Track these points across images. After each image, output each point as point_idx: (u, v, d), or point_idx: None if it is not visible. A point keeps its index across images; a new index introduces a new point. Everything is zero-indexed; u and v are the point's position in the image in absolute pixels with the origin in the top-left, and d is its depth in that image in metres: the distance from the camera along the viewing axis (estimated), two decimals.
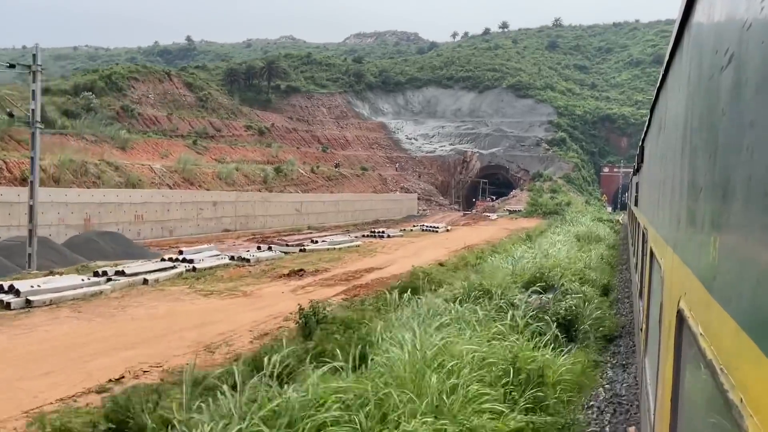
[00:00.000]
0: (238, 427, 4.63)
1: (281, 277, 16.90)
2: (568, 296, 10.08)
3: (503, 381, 6.19)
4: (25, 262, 17.06)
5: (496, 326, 7.74)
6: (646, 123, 8.17)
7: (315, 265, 19.87)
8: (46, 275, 15.11)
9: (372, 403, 5.04)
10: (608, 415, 7.18)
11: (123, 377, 7.87)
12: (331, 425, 4.73)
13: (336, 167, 66.68)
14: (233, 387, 5.40)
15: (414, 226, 42.71)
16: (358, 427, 4.73)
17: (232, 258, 20.21)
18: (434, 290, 13.89)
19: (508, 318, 8.30)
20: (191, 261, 17.88)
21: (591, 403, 7.52)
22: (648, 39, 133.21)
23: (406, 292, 12.57)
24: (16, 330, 10.47)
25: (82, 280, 14.34)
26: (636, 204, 12.47)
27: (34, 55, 17.56)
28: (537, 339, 7.77)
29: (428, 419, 4.87)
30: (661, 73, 4.45)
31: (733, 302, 1.35)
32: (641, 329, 6.46)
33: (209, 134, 59.19)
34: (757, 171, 1.17)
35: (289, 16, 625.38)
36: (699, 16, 2.32)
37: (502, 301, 9.32)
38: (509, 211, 58.86)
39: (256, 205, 37.99)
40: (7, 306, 11.99)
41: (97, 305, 12.73)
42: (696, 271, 1.99)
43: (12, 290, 12.59)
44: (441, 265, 20.64)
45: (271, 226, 39.36)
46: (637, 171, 13.02)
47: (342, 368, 5.78)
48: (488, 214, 57.19)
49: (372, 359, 6.25)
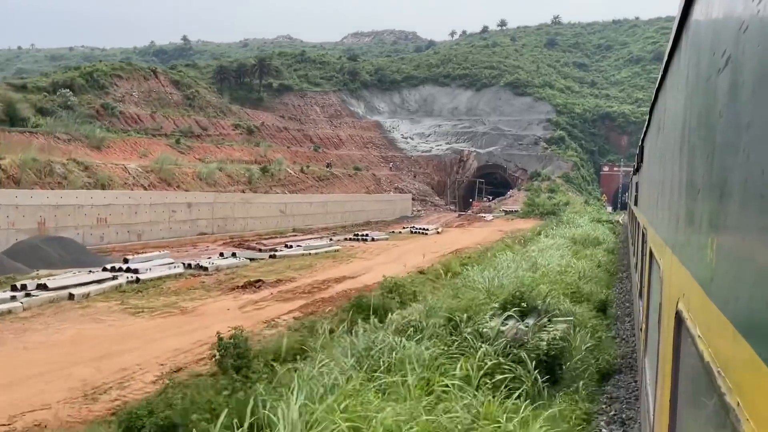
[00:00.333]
0: None
1: (235, 289, 14.84)
2: (555, 321, 8.07)
3: None
4: None
5: (451, 374, 5.69)
6: (646, 123, 8.06)
7: (280, 274, 17.83)
8: None
9: None
10: None
11: None
12: None
13: (328, 167, 64.64)
14: None
15: (404, 227, 40.71)
16: None
17: (188, 266, 18.15)
18: (402, 306, 11.90)
19: (476, 356, 6.27)
20: (136, 271, 15.83)
21: None
22: (648, 36, 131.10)
23: (365, 310, 10.57)
24: None
25: None
26: (636, 204, 12.60)
27: None
28: (507, 388, 5.74)
29: None
30: (660, 73, 4.39)
31: (730, 305, 1.36)
32: (641, 329, 6.36)
33: (195, 133, 57.15)
34: (753, 173, 1.17)
35: (286, 16, 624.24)
36: (697, 17, 2.31)
37: (469, 329, 7.31)
38: (505, 211, 56.77)
39: (235, 207, 35.96)
40: None
41: None
42: (694, 272, 1.98)
43: None
44: (421, 273, 18.66)
45: (253, 229, 37.34)
46: (637, 170, 13.14)
47: None
48: (483, 215, 55.11)
49: None
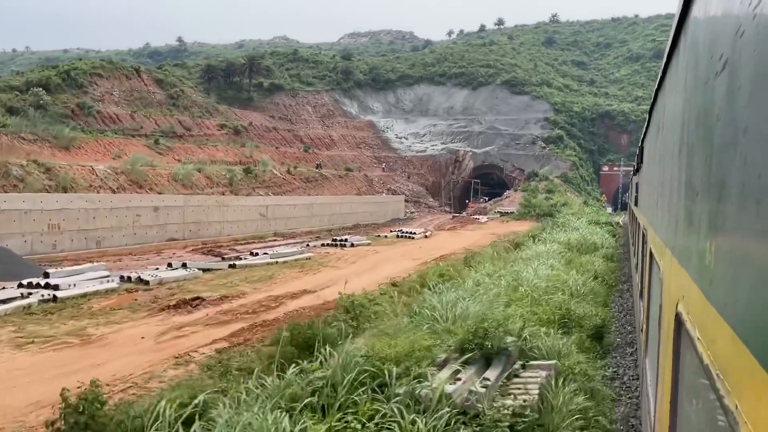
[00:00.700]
0: None
1: (166, 309, 12.62)
2: (531, 366, 5.86)
3: None
4: None
5: None
6: (646, 123, 7.98)
7: (231, 289, 15.59)
8: None
9: None
10: None
11: None
12: None
13: (317, 168, 62.43)
14: None
15: (391, 231, 38.47)
16: None
17: (128, 279, 15.93)
18: (357, 331, 9.70)
19: None
20: (56, 287, 13.63)
21: None
22: (648, 34, 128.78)
23: (305, 341, 8.40)
24: None
25: None
26: (636, 204, 12.59)
27: None
28: None
29: None
30: (659, 74, 4.41)
31: (728, 308, 1.35)
32: (642, 330, 6.29)
33: (177, 133, 54.95)
34: (751, 176, 1.17)
35: (284, 18, 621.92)
36: (694, 20, 2.31)
37: (402, 388, 5.11)
38: (500, 213, 54.49)
39: (210, 210, 33.73)
40: None
41: None
42: (693, 274, 1.97)
43: None
44: (394, 285, 16.42)
45: (230, 234, 35.11)
46: (637, 171, 13.05)
47: None
48: (477, 217, 52.83)
49: None
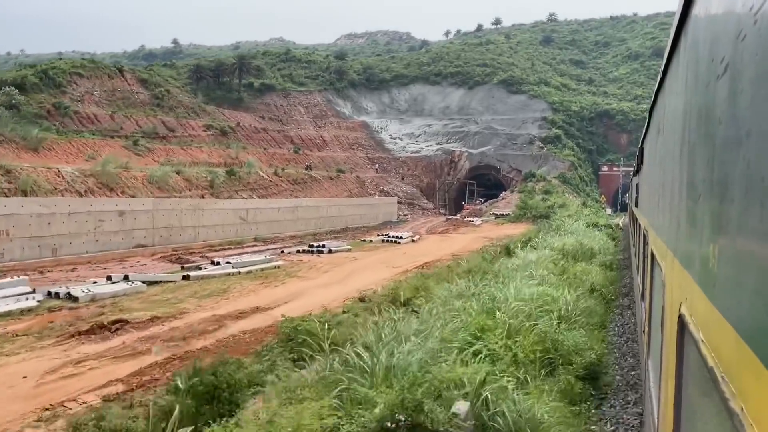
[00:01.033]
0: None
1: (77, 335, 10.58)
2: None
3: None
4: None
5: None
6: (646, 124, 7.92)
7: (172, 307, 13.53)
8: None
9: None
10: None
11: None
12: None
13: (307, 169, 60.38)
14: None
15: (378, 235, 36.43)
16: None
17: (55, 295, 13.90)
18: (296, 365, 7.70)
19: None
20: None
21: None
22: (647, 32, 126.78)
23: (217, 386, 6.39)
24: None
25: None
26: (636, 205, 12.47)
27: None
28: None
29: None
30: (659, 75, 4.41)
31: (733, 311, 1.34)
32: (644, 331, 6.23)
33: (160, 134, 52.89)
34: (754, 179, 1.17)
35: (280, 19, 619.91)
36: (694, 22, 2.28)
37: None
38: (495, 215, 52.40)
39: (183, 214, 31.66)
40: None
41: None
42: (696, 277, 1.95)
43: None
44: (361, 300, 14.38)
45: (206, 239, 33.06)
46: (637, 172, 12.88)
47: None
48: (471, 220, 50.76)
49: None
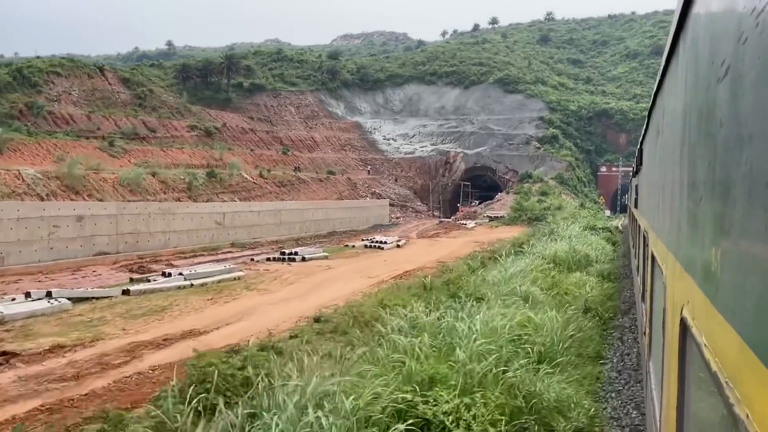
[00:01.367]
0: None
1: None
2: None
3: None
4: None
5: None
6: (644, 126, 7.90)
7: (90, 330, 11.46)
8: None
9: None
10: None
11: None
12: None
13: (296, 171, 58.35)
14: None
15: (363, 239, 34.35)
16: None
17: None
18: None
19: None
20: None
21: None
22: (645, 30, 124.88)
23: None
24: None
25: None
26: (636, 206, 12.52)
27: None
28: None
29: None
30: (658, 77, 4.38)
31: (736, 315, 1.32)
32: (644, 333, 6.19)
33: (140, 135, 50.84)
34: (757, 183, 1.16)
35: (276, 21, 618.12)
36: (693, 24, 2.26)
37: None
38: (490, 217, 50.31)
39: (152, 219, 29.56)
40: None
41: None
42: (698, 280, 1.93)
43: None
44: (317, 321, 12.29)
45: (177, 245, 30.96)
46: (636, 173, 12.84)
47: None
48: (464, 222, 48.66)
49: None
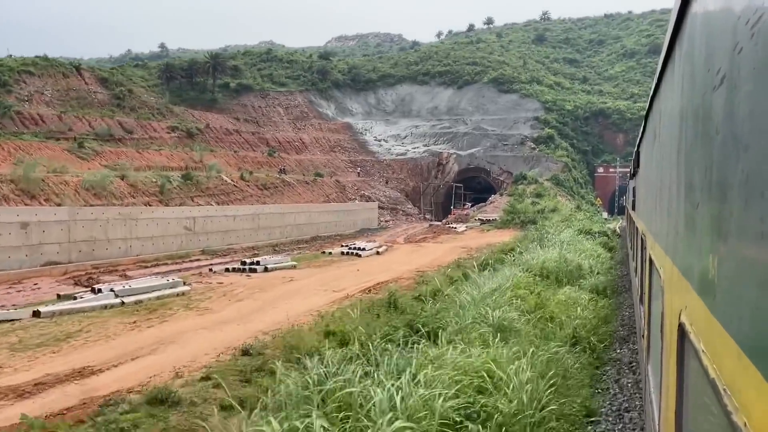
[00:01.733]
0: None
1: None
2: None
3: None
4: None
5: None
6: (642, 128, 7.95)
7: None
8: None
9: None
10: None
11: None
12: None
13: (281, 173, 56.05)
14: None
15: (342, 245, 32.10)
16: None
17: None
18: None
19: None
20: None
21: None
22: (642, 29, 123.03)
23: None
24: None
25: None
26: (633, 208, 12.39)
27: None
28: None
29: None
30: (654, 81, 4.35)
31: (733, 322, 1.32)
32: (643, 335, 6.31)
33: (115, 136, 48.54)
34: (754, 192, 1.16)
35: (271, 23, 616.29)
36: (689, 31, 2.25)
37: None
38: (481, 220, 48.07)
39: (110, 225, 27.26)
40: None
41: None
42: (696, 285, 1.93)
43: None
44: (245, 354, 10.05)
45: (140, 253, 28.67)
46: (633, 175, 12.74)
47: None
48: (454, 226, 46.43)
49: None
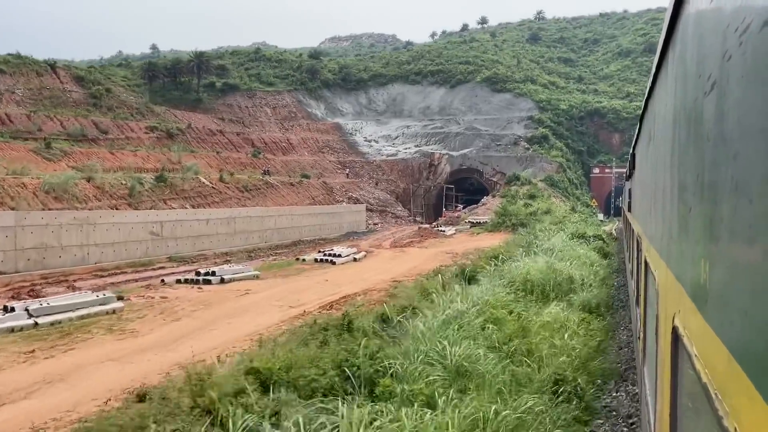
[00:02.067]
0: None
1: None
2: None
3: None
4: None
5: None
6: (637, 130, 7.95)
7: None
8: None
9: None
10: None
11: None
12: None
13: (265, 174, 53.97)
14: None
15: (320, 251, 30.04)
16: None
17: None
18: None
19: None
20: None
21: None
22: (638, 28, 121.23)
23: None
24: None
25: None
26: (630, 210, 12.61)
27: None
28: None
29: None
30: (649, 84, 4.38)
31: (725, 328, 1.32)
32: (639, 337, 6.31)
33: (88, 137, 46.42)
34: (744, 199, 1.16)
35: (264, 24, 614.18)
36: (682, 37, 2.26)
37: None
38: (471, 223, 46.06)
39: (64, 231, 25.15)
40: None
41: None
42: (689, 290, 1.94)
43: None
44: (140, 400, 7.98)
45: (99, 261, 26.55)
46: (629, 177, 12.85)
47: None
48: (443, 229, 44.41)
49: None
